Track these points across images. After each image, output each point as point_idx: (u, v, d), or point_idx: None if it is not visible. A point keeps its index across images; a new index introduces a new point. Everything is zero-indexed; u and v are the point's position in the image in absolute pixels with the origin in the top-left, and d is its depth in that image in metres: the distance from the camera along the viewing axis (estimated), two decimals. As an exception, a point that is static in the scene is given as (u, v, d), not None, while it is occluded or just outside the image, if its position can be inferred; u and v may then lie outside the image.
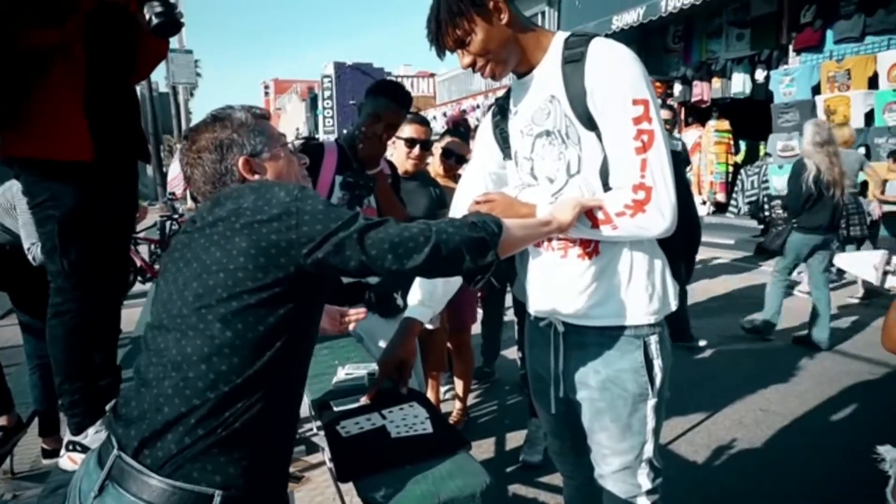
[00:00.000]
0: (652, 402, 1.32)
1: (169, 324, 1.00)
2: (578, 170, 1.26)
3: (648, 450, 1.34)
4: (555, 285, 1.36)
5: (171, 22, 1.60)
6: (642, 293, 1.29)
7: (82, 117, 1.59)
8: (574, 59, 1.23)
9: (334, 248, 0.97)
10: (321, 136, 28.07)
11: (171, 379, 0.97)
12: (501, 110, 1.44)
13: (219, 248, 0.99)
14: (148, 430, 0.96)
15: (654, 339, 1.31)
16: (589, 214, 1.22)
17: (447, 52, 1.28)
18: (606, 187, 1.25)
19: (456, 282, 1.54)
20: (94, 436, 1.68)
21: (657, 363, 1.32)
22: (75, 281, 1.68)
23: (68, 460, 1.69)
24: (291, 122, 37.96)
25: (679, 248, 1.34)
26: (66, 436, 1.74)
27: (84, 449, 1.67)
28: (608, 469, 1.37)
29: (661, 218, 1.19)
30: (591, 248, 1.30)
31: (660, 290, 1.31)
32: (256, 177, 1.15)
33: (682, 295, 3.88)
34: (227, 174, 1.14)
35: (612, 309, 1.29)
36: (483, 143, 1.51)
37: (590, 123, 1.22)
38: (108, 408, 1.75)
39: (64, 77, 1.58)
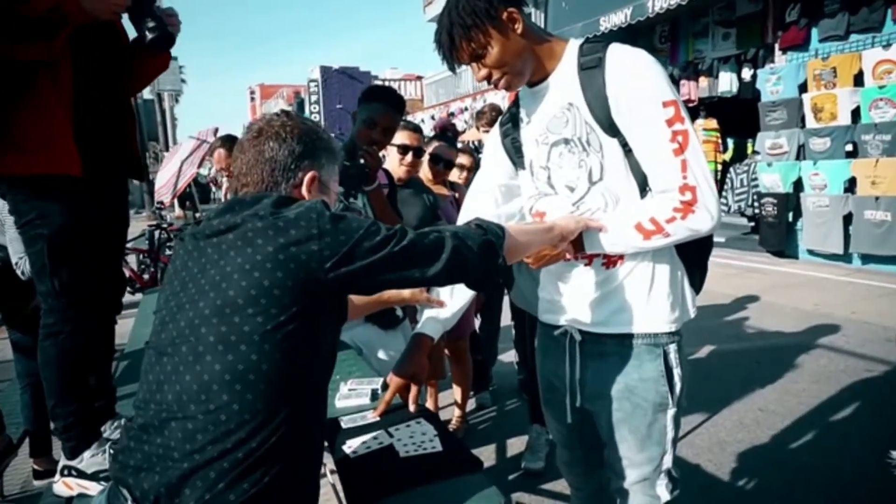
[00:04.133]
0: (671, 411, 1.30)
1: (177, 348, 0.94)
2: (601, 177, 1.24)
3: (667, 460, 1.32)
4: (574, 293, 1.34)
5: (166, 35, 1.60)
6: (664, 301, 1.27)
7: (69, 131, 1.55)
8: (591, 66, 1.21)
9: (362, 258, 0.92)
10: (309, 141, 27.92)
11: (190, 411, 0.91)
12: (512, 119, 1.41)
13: (230, 261, 0.92)
14: (171, 475, 0.89)
15: (673, 348, 1.30)
16: (639, 228, 1.19)
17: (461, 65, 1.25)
18: (643, 192, 1.23)
19: (466, 295, 1.51)
20: (89, 460, 1.63)
21: (677, 372, 1.30)
22: (67, 301, 1.63)
23: (63, 485, 1.64)
24: (278, 127, 37.66)
25: (694, 255, 1.32)
26: (61, 460, 1.69)
27: (79, 473, 1.62)
28: (626, 481, 1.35)
29: (709, 216, 1.18)
30: (617, 256, 1.27)
31: (680, 298, 1.30)
32: (309, 197, 1.09)
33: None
34: (286, 174, 1.07)
35: (633, 316, 1.27)
36: (491, 155, 1.47)
37: (612, 130, 1.20)
38: (104, 431, 1.71)
39: (50, 92, 1.54)
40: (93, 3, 1.48)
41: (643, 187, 1.23)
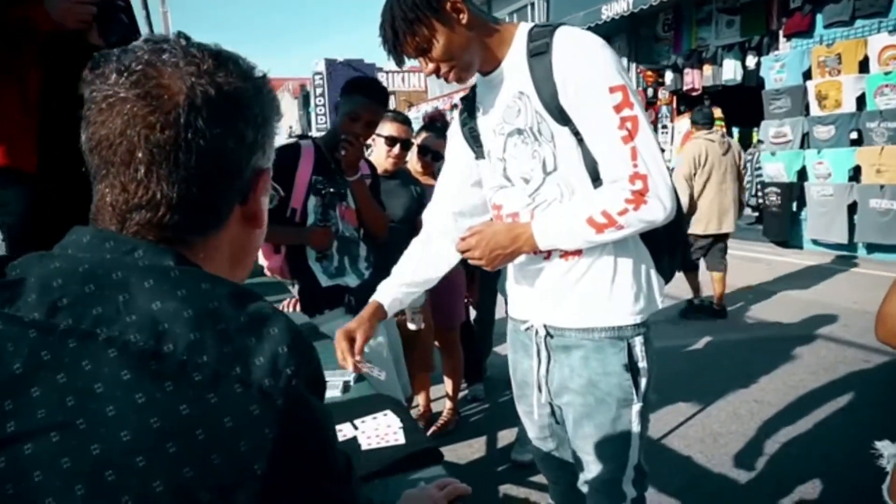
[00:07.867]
0: (637, 406, 1.27)
1: None
2: (555, 167, 1.20)
3: (634, 456, 1.29)
4: (538, 288, 1.31)
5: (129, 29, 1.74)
6: (627, 292, 1.23)
7: (28, 131, 1.65)
8: (539, 52, 1.17)
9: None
10: (314, 134, 28.01)
11: None
12: (468, 108, 1.38)
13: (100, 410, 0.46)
14: None
15: (638, 341, 1.26)
16: (591, 222, 1.14)
17: (407, 60, 1.22)
18: (596, 182, 1.19)
19: (434, 278, 1.50)
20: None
21: (642, 366, 1.26)
22: None
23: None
24: (284, 121, 37.45)
25: (663, 240, 1.28)
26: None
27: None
28: (591, 477, 1.32)
29: (661, 206, 1.13)
30: (575, 248, 1.24)
31: (645, 288, 1.26)
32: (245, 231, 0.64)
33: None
34: (235, 181, 0.60)
35: (596, 309, 1.24)
36: (453, 146, 1.45)
37: (562, 118, 1.16)
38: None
39: (14, 96, 1.64)
40: (60, 12, 1.56)
41: (596, 177, 1.19)
